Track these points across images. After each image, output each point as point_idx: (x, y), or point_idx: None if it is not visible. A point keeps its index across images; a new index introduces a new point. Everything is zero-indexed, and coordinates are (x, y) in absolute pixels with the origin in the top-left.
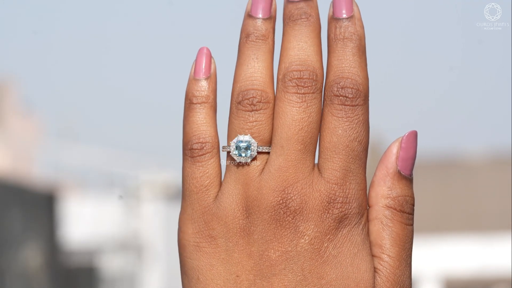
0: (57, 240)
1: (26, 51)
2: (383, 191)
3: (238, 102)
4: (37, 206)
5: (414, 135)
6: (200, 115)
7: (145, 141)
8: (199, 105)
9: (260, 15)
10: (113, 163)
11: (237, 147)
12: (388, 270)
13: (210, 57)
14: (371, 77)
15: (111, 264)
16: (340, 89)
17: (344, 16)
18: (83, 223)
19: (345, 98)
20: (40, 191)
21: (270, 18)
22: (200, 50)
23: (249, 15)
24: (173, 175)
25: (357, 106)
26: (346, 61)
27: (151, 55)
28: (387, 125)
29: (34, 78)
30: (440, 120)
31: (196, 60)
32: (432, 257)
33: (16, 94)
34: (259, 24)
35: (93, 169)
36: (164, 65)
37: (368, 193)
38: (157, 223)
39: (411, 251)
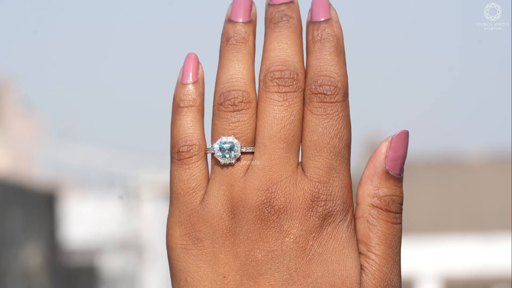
0: (58, 239)
1: (26, 51)
2: (370, 190)
3: (220, 103)
4: (38, 206)
5: (404, 135)
6: (187, 118)
7: (145, 141)
8: (186, 109)
9: (240, 19)
10: (113, 163)
11: (221, 149)
12: (374, 268)
13: (197, 62)
14: (372, 77)
15: (111, 264)
16: (318, 86)
17: (322, 19)
18: (83, 223)
19: (323, 95)
20: (40, 191)
21: (250, 22)
22: (188, 56)
23: (229, 20)
24: None
25: (336, 103)
26: (323, 60)
27: (151, 55)
28: (387, 125)
29: (34, 78)
30: (440, 119)
31: (183, 66)
32: (432, 256)
33: (16, 94)
34: (239, 28)
35: (93, 169)
36: (165, 65)
37: (356, 191)
38: (157, 223)
39: (400, 249)
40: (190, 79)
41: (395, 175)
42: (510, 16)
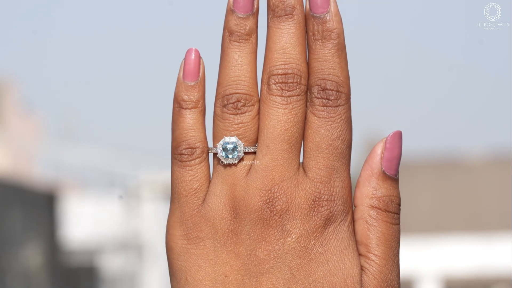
0: (58, 239)
1: (26, 51)
2: (368, 191)
3: (223, 105)
4: (38, 206)
5: (398, 135)
6: (190, 121)
7: (146, 141)
8: (188, 110)
9: (242, 11)
10: (113, 163)
11: (224, 149)
12: (374, 268)
13: (199, 59)
14: (372, 77)
15: (111, 264)
16: (321, 91)
17: (321, 11)
18: (83, 223)
19: (326, 100)
20: (40, 191)
21: (253, 13)
22: (189, 51)
23: (231, 10)
24: None
25: (339, 106)
26: (325, 63)
27: (151, 54)
28: (387, 125)
29: (34, 78)
30: (440, 120)
31: (184, 62)
32: (432, 256)
33: (16, 94)
34: (242, 22)
35: (93, 169)
36: (165, 65)
37: (354, 193)
38: (157, 223)
39: (398, 250)
40: (192, 77)
41: (392, 176)
42: (510, 16)
